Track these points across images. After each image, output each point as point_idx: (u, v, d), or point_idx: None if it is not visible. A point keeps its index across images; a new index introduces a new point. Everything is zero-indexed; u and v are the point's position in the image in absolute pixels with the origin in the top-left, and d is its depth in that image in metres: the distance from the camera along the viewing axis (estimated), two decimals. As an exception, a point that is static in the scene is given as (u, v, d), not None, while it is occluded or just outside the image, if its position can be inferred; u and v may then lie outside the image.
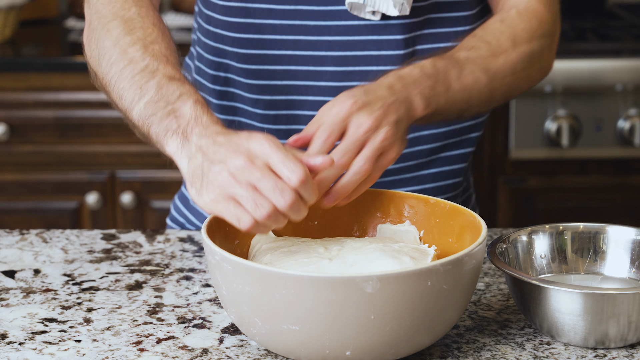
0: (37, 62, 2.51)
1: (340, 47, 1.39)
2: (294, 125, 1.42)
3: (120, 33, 1.24)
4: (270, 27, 1.40)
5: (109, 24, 1.26)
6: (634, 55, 2.44)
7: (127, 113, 1.19)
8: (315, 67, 1.40)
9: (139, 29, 1.24)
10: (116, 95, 1.21)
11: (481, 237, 1.09)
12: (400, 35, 1.39)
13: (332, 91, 1.40)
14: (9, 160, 2.53)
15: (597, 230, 1.24)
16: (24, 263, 1.37)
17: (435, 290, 1.03)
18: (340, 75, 1.40)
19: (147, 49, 1.21)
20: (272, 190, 1.04)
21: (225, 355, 1.12)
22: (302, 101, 1.41)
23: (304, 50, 1.40)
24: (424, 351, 1.12)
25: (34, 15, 2.86)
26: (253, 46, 1.41)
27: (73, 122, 2.50)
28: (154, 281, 1.31)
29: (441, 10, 1.42)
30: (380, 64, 1.39)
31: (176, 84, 1.16)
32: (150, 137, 1.16)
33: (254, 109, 1.44)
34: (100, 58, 1.24)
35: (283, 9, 1.39)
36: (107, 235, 1.47)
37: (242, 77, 1.43)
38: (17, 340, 1.15)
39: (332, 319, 1.01)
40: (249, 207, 1.05)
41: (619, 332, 1.11)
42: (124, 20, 1.25)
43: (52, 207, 2.56)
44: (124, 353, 1.12)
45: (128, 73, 1.19)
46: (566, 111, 2.43)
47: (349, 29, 1.39)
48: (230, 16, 1.42)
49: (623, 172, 2.50)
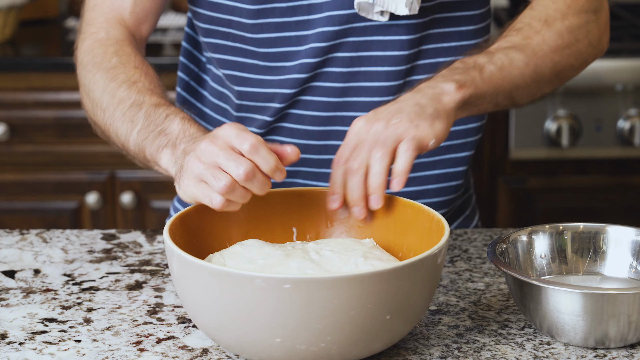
0: (37, 62, 2.52)
1: (345, 49, 1.39)
2: (300, 125, 1.43)
3: (105, 81, 1.33)
4: (278, 40, 1.41)
5: (94, 77, 1.35)
6: (634, 55, 2.44)
7: (125, 146, 1.29)
8: (321, 68, 1.40)
9: (121, 74, 1.33)
10: (114, 135, 1.31)
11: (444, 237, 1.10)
12: (406, 36, 1.39)
13: (337, 92, 1.40)
14: (9, 160, 2.53)
15: (597, 230, 1.24)
16: (24, 263, 1.37)
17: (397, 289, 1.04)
18: (346, 76, 1.40)
19: (131, 88, 1.30)
20: (228, 162, 1.10)
21: (225, 355, 1.12)
22: (307, 101, 1.42)
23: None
24: (424, 351, 1.12)
25: (34, 15, 2.86)
26: (267, 44, 1.42)
27: (73, 122, 2.50)
28: (154, 281, 1.31)
29: (447, 9, 1.42)
30: (385, 65, 1.39)
31: (162, 108, 1.25)
32: (147, 159, 1.24)
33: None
34: (94, 107, 1.34)
35: (287, 6, 1.39)
36: (107, 235, 1.47)
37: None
38: (17, 340, 1.15)
39: (306, 319, 1.02)
40: (212, 183, 1.10)
41: (619, 332, 1.11)
42: (106, 70, 1.34)
43: (52, 207, 2.56)
44: (124, 353, 1.12)
45: (119, 112, 1.29)
46: (566, 111, 2.43)
47: (354, 30, 1.39)
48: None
49: (623, 172, 2.50)
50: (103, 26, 1.41)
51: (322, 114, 1.42)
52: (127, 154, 1.30)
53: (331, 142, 1.43)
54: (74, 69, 2.25)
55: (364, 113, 1.25)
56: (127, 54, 1.36)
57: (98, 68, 1.35)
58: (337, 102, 1.41)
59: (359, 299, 1.01)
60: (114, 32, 1.40)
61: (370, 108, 1.36)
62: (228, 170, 1.10)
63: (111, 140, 1.33)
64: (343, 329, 1.02)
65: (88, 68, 1.37)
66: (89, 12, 1.45)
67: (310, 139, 1.43)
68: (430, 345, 1.14)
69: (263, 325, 1.02)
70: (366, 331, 1.04)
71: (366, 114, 1.21)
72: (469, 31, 1.43)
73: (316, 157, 1.44)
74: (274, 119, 1.43)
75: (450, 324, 1.19)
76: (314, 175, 1.44)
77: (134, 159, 1.30)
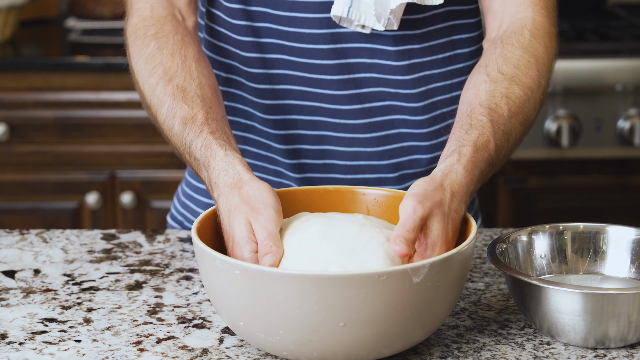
0: (37, 62, 2.52)
1: (334, 56, 1.40)
2: (292, 130, 1.43)
3: (145, 73, 1.31)
4: (267, 30, 1.40)
5: (137, 64, 1.33)
6: (634, 55, 2.44)
7: (169, 141, 1.29)
8: (311, 75, 1.41)
9: (159, 66, 1.31)
10: (160, 125, 1.30)
11: (472, 234, 1.10)
12: (392, 47, 1.39)
13: (329, 99, 1.41)
14: (9, 160, 2.53)
15: (597, 230, 1.24)
16: (24, 263, 1.37)
17: (425, 288, 1.04)
18: (337, 83, 1.40)
19: (166, 88, 1.28)
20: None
21: (225, 355, 1.12)
22: (300, 106, 1.42)
23: (299, 56, 1.40)
24: (424, 351, 1.12)
25: (34, 15, 2.86)
26: (254, 49, 1.42)
27: (73, 122, 2.50)
28: (154, 281, 1.31)
29: (439, 22, 1.41)
30: (374, 72, 1.40)
31: (188, 128, 1.23)
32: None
33: (255, 111, 1.45)
34: (141, 94, 1.34)
35: (278, 14, 1.39)
36: (107, 235, 1.47)
37: (244, 79, 1.45)
38: (17, 340, 1.15)
39: (325, 317, 1.02)
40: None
41: (619, 332, 1.11)
42: (145, 59, 1.33)
43: (52, 207, 2.56)
44: (124, 353, 1.12)
45: (159, 110, 1.28)
46: (566, 111, 2.43)
47: (342, 36, 1.39)
48: (232, 18, 1.42)
49: (623, 172, 2.50)
50: (148, 2, 1.38)
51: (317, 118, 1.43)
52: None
53: (325, 147, 1.44)
54: (74, 69, 2.24)
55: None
56: (165, 35, 1.34)
57: (140, 54, 1.34)
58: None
59: None
60: (158, 7, 1.37)
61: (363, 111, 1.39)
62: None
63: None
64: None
65: (132, 50, 1.36)
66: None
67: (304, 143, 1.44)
68: (430, 345, 1.14)
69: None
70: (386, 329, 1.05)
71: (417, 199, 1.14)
72: (462, 39, 1.43)
73: (312, 162, 1.45)
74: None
75: (450, 324, 1.19)
76: (309, 181, 1.45)
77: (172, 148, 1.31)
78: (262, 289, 1.03)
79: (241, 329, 1.08)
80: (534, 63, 1.29)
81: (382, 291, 1.02)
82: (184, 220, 1.57)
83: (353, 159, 1.44)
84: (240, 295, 1.05)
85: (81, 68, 2.48)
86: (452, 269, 1.06)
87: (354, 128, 1.43)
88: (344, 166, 1.44)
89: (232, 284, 1.05)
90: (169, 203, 1.99)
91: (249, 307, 1.05)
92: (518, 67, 1.28)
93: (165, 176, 2.54)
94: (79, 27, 2.76)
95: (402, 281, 1.02)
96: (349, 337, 1.03)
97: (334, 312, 1.02)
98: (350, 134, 1.43)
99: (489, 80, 1.26)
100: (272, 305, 1.03)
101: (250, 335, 1.08)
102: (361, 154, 1.44)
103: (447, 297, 1.08)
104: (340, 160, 1.44)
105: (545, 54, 1.31)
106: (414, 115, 1.43)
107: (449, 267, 1.06)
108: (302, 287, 1.01)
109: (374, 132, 1.43)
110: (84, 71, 2.49)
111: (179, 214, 1.58)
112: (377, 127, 1.43)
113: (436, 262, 1.04)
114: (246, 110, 1.46)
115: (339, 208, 1.23)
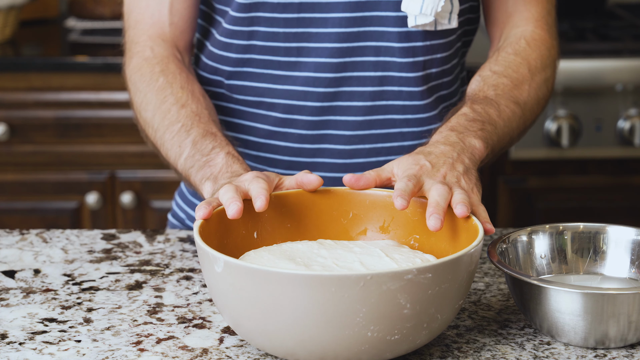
0: (37, 62, 2.52)
1: (333, 54, 1.41)
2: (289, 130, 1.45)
3: (156, 103, 1.39)
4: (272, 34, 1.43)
5: (146, 97, 1.41)
6: (634, 55, 2.44)
7: (174, 167, 1.36)
8: (314, 74, 1.42)
9: (170, 96, 1.39)
10: (164, 154, 1.38)
11: (478, 238, 1.10)
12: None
13: (329, 96, 1.42)
14: (9, 160, 2.53)
15: (597, 230, 1.24)
16: (24, 263, 1.37)
17: (432, 291, 1.03)
18: (338, 80, 1.42)
19: (180, 112, 1.36)
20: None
21: (225, 355, 1.12)
22: (300, 106, 1.44)
23: (302, 57, 1.42)
24: (424, 351, 1.12)
25: (34, 15, 2.86)
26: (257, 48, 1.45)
27: (73, 122, 2.50)
28: (154, 281, 1.31)
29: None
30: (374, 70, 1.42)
31: (209, 139, 1.31)
32: (192, 185, 1.32)
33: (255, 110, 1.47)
34: (146, 126, 1.41)
35: (285, 17, 1.42)
36: (107, 235, 1.47)
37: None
38: (17, 340, 1.15)
39: (327, 318, 1.02)
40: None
41: (619, 332, 1.11)
42: (156, 91, 1.40)
43: (52, 207, 2.56)
44: (124, 353, 1.12)
45: (168, 135, 1.36)
46: (566, 111, 2.43)
47: (337, 34, 1.41)
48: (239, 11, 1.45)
49: (623, 172, 2.50)
50: (147, 44, 1.45)
51: (315, 119, 1.44)
52: (175, 173, 1.37)
53: (324, 145, 1.45)
54: (74, 69, 2.26)
55: (355, 117, 1.34)
56: (172, 72, 1.41)
57: (148, 88, 1.40)
58: (328, 106, 1.44)
59: None
60: (159, 49, 1.45)
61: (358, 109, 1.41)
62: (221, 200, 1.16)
63: (161, 157, 1.39)
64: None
65: (138, 86, 1.42)
66: (131, 30, 1.48)
67: (303, 142, 1.45)
68: (430, 345, 1.14)
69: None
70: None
71: (418, 157, 1.21)
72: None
73: (309, 161, 1.46)
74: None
75: (450, 324, 1.19)
76: None
77: (180, 178, 1.38)
78: (264, 289, 1.03)
79: (243, 328, 1.08)
80: (526, 65, 1.39)
81: (385, 292, 1.01)
82: (185, 217, 1.57)
83: (351, 156, 1.46)
84: (241, 295, 1.05)
85: (81, 68, 2.48)
86: (459, 271, 1.06)
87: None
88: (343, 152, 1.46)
89: (233, 283, 1.05)
90: (169, 203, 1.99)
91: (251, 307, 1.05)
92: (509, 66, 1.39)
93: (165, 176, 2.54)
94: (79, 27, 2.76)
95: (406, 282, 1.02)
96: (350, 339, 1.03)
97: (335, 313, 1.02)
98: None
99: (480, 79, 1.38)
100: (273, 305, 1.03)
101: (251, 335, 1.08)
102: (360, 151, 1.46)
103: (453, 300, 1.07)
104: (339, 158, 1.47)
105: (538, 58, 1.41)
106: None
107: (456, 269, 1.05)
108: (305, 287, 1.01)
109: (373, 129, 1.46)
110: (83, 71, 2.49)
111: (181, 210, 1.59)
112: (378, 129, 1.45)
113: (443, 264, 1.03)
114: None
115: (339, 208, 1.23)
